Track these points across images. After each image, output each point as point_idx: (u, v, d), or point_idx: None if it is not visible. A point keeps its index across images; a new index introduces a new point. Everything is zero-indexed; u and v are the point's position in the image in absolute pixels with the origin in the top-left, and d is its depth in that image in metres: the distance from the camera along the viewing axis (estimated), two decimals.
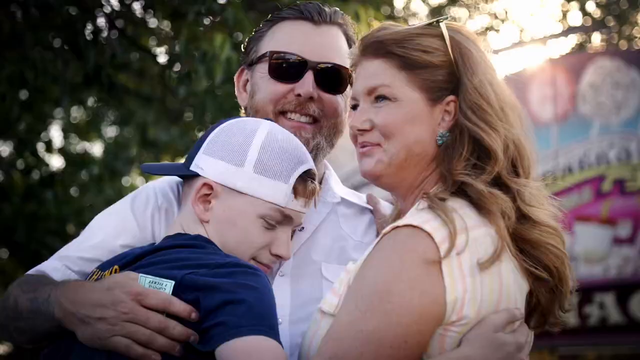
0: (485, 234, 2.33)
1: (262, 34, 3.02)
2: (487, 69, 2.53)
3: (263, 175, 2.55)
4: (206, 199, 2.58)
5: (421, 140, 2.49)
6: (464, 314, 2.27)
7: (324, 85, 2.91)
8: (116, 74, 8.51)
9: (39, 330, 2.52)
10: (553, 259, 2.42)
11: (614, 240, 11.24)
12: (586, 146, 11.73)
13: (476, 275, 2.28)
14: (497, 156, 2.42)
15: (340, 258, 2.87)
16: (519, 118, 2.54)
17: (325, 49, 2.94)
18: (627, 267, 11.09)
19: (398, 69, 2.50)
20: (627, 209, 11.22)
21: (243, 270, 2.33)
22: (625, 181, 11.29)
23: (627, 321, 10.84)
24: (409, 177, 2.53)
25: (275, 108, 2.90)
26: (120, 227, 2.77)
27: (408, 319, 2.22)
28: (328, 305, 2.42)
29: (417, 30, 2.53)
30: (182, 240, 2.53)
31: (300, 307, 2.73)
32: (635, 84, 11.39)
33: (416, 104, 2.49)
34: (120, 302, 2.29)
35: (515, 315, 2.36)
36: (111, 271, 2.50)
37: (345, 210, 3.02)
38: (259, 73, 2.96)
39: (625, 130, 11.40)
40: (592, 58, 12.19)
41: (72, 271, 2.70)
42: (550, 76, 12.18)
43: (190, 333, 2.27)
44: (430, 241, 2.25)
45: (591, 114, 11.76)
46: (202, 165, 2.59)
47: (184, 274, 2.31)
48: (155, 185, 2.89)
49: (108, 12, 8.01)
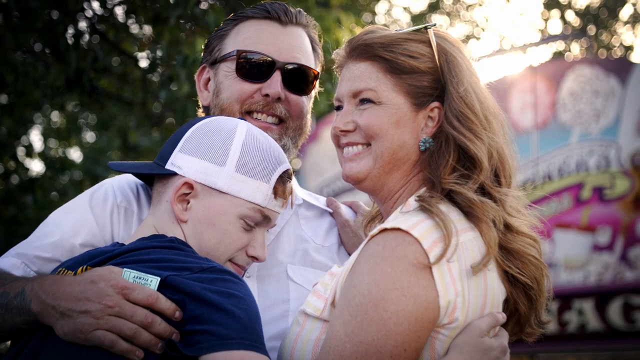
0: (473, 237, 2.34)
1: (226, 33, 2.98)
2: (472, 77, 2.53)
3: (245, 175, 2.52)
4: (184, 199, 2.53)
5: (404, 145, 2.49)
6: (455, 317, 2.28)
7: (291, 86, 2.90)
8: (98, 78, 8.48)
9: (5, 327, 2.41)
10: (533, 270, 2.44)
11: (593, 247, 11.32)
12: (566, 153, 11.81)
13: (465, 279, 2.29)
14: (483, 165, 2.42)
15: (304, 260, 2.86)
16: (502, 126, 2.54)
17: (292, 49, 2.92)
18: (607, 274, 11.16)
19: (384, 73, 2.50)
20: (606, 216, 11.30)
21: (227, 277, 2.30)
22: (604, 188, 11.38)
23: (605, 328, 10.91)
24: (391, 181, 2.53)
25: (241, 108, 2.87)
26: (79, 225, 2.70)
27: (405, 326, 2.22)
28: (312, 308, 2.41)
29: (405, 36, 2.53)
30: (158, 242, 2.47)
31: (268, 308, 2.71)
32: (614, 92, 11.48)
33: (400, 108, 2.49)
34: (105, 295, 2.23)
35: (498, 320, 2.38)
36: (83, 270, 2.41)
37: (306, 213, 3.01)
38: (224, 72, 2.92)
39: (604, 138, 11.49)
40: (572, 66, 12.28)
41: (30, 270, 2.63)
42: (530, 84, 12.26)
43: (173, 331, 2.24)
44: (418, 246, 2.25)
45: (571, 121, 11.85)
46: (179, 164, 2.55)
47: (168, 275, 2.28)
48: (113, 183, 2.83)
49: (90, 16, 7.99)
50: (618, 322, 10.82)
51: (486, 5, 28.54)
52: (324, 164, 13.67)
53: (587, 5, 24.27)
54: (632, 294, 10.84)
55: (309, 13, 9.45)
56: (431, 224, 2.29)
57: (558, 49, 22.84)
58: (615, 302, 10.86)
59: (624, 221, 11.16)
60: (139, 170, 2.72)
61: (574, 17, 24.46)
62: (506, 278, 2.40)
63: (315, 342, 2.36)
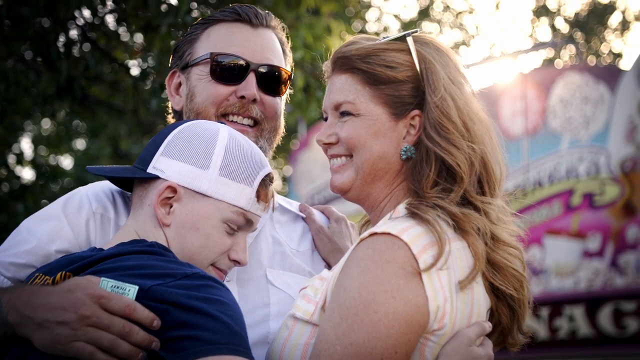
0: (461, 247, 2.35)
1: (196, 37, 2.97)
2: (450, 84, 2.51)
3: (229, 178, 2.51)
4: (167, 202, 2.51)
5: (385, 155, 2.50)
6: (445, 322, 2.29)
7: (266, 88, 2.90)
8: (89, 86, 8.48)
9: None
10: (514, 282, 2.45)
11: (584, 253, 11.36)
12: (556, 160, 11.86)
13: (453, 287, 2.30)
14: (462, 176, 2.42)
15: (282, 264, 2.87)
16: (487, 133, 2.53)
17: (265, 51, 2.92)
18: (597, 280, 11.20)
19: (362, 85, 2.52)
20: (597, 223, 11.34)
21: (211, 284, 2.29)
22: (594, 195, 11.43)
23: (596, 334, 10.95)
24: (375, 191, 2.54)
25: (217, 110, 2.86)
26: (54, 232, 2.65)
27: (395, 329, 2.23)
28: (302, 312, 2.42)
29: (383, 46, 2.54)
30: (138, 247, 2.44)
31: (249, 312, 2.68)
32: (604, 99, 11.54)
33: (379, 119, 2.50)
34: (82, 305, 2.18)
35: (485, 329, 2.39)
36: (62, 276, 2.38)
37: (280, 217, 3.02)
38: (197, 75, 2.91)
39: (594, 145, 11.54)
40: (562, 73, 12.34)
41: (4, 277, 2.58)
42: (520, 91, 12.31)
43: (152, 340, 2.20)
44: (408, 251, 2.26)
45: (561, 128, 11.90)
46: (162, 167, 2.53)
47: (152, 284, 2.25)
48: (87, 190, 2.79)
49: (81, 24, 7.99)
50: (608, 328, 10.86)
51: (476, 13, 28.66)
52: (315, 171, 13.67)
53: (576, 13, 24.41)
54: (623, 300, 10.88)
55: (300, 20, 9.50)
56: (421, 230, 2.30)
57: (548, 56, 22.95)
58: (605, 308, 10.90)
59: (614, 227, 11.20)
60: (119, 174, 2.68)
61: (563, 24, 24.59)
62: (491, 289, 2.42)
63: (304, 347, 2.37)
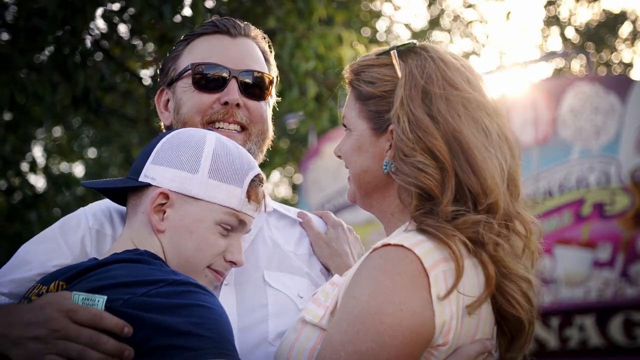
0: (471, 265, 2.36)
1: (179, 53, 3.04)
2: (413, 101, 2.45)
3: (218, 180, 2.57)
4: (160, 209, 2.56)
5: (367, 169, 2.55)
6: (449, 339, 2.31)
7: (248, 93, 2.95)
8: (103, 96, 8.55)
9: None
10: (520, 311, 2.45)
11: (594, 263, 11.34)
12: (566, 170, 11.86)
13: (460, 303, 2.32)
14: (435, 194, 2.37)
15: (280, 265, 2.91)
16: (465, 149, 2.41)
17: (245, 57, 2.99)
18: (607, 290, 11.19)
19: (354, 100, 2.59)
20: (607, 233, 11.33)
21: (196, 290, 2.32)
22: (605, 205, 11.42)
23: (606, 344, 10.93)
24: (375, 203, 2.60)
25: (202, 119, 2.91)
26: (51, 252, 2.72)
27: (400, 340, 2.25)
28: (312, 315, 2.46)
29: (370, 62, 2.59)
30: (127, 255, 2.48)
31: (247, 314, 2.75)
32: (614, 110, 11.55)
33: (362, 134, 2.55)
34: (52, 319, 2.24)
35: (487, 347, 2.41)
36: (56, 285, 2.44)
37: (277, 223, 3.07)
38: (182, 88, 2.97)
39: (604, 155, 11.54)
40: (572, 83, 12.35)
41: (2, 294, 2.63)
42: (531, 100, 12.32)
43: (124, 348, 2.22)
44: (419, 265, 2.28)
45: (571, 138, 11.90)
46: (152, 175, 2.58)
47: (132, 293, 2.28)
48: (86, 209, 2.87)
49: (95, 34, 8.07)
50: (619, 338, 10.84)
51: (486, 22, 28.68)
52: (325, 180, 13.68)
53: (586, 23, 24.40)
54: (633, 310, 10.86)
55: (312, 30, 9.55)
56: (432, 246, 2.32)
57: (558, 66, 22.94)
58: (616, 318, 10.88)
59: (624, 237, 11.20)
60: (112, 185, 2.74)
61: (573, 34, 24.58)
62: (495, 309, 2.43)
63: (310, 352, 2.40)
